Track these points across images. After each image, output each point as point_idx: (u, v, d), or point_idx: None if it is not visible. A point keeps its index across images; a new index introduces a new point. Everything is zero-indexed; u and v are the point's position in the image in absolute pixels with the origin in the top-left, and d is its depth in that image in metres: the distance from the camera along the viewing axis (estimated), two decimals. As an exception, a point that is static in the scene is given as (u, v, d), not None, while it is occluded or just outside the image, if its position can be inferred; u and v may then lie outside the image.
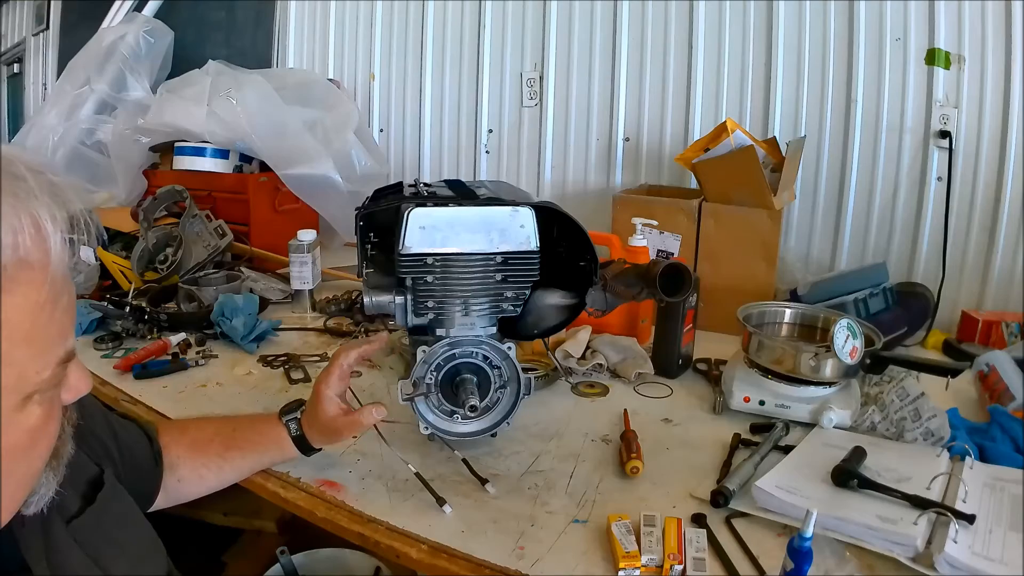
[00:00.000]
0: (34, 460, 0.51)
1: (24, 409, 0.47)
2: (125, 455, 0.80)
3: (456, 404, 0.97)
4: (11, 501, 0.51)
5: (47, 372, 0.48)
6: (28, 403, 0.47)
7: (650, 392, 1.27)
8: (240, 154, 2.05)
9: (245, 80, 2.01)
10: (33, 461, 0.51)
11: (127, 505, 0.72)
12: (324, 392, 0.92)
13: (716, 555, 0.80)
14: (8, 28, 3.73)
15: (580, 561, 0.80)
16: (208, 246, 1.78)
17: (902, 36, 1.64)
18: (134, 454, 0.83)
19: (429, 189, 1.09)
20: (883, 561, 0.78)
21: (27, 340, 0.46)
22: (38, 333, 0.46)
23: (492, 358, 0.97)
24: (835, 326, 1.09)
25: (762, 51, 1.81)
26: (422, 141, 2.39)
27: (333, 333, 1.53)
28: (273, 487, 0.95)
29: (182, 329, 1.47)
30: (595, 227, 1.21)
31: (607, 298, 1.06)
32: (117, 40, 2.53)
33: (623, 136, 2.03)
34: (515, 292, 0.98)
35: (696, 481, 0.96)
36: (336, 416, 0.92)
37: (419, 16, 2.31)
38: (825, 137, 1.77)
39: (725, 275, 1.54)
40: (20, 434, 0.48)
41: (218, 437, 0.95)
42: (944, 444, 1.00)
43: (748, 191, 1.54)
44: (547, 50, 2.09)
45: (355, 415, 0.91)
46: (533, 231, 0.95)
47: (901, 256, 1.73)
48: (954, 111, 1.61)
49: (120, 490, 0.72)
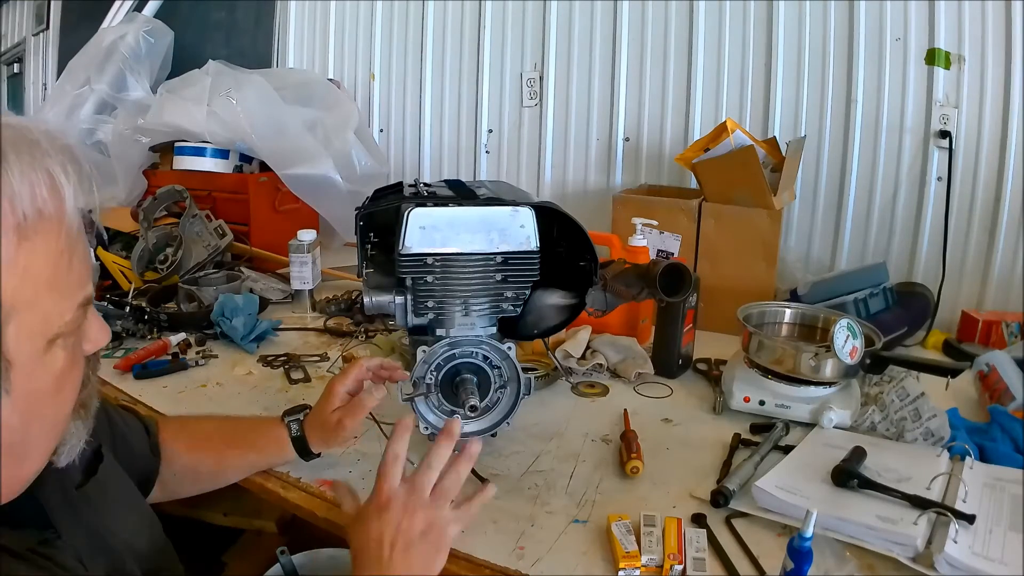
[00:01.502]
0: (61, 405, 0.54)
1: (49, 352, 0.50)
2: (119, 442, 0.81)
3: (456, 404, 0.97)
4: (43, 445, 0.54)
5: (68, 315, 0.51)
6: (53, 347, 0.50)
7: (650, 392, 1.27)
8: (240, 154, 2.05)
9: (245, 80, 2.01)
10: (61, 406, 0.54)
11: (125, 481, 0.74)
12: (336, 388, 0.94)
13: (716, 555, 0.80)
14: (8, 28, 3.72)
15: (580, 561, 0.80)
16: (208, 246, 1.78)
17: (902, 36, 1.64)
18: (128, 441, 0.83)
19: (429, 189, 1.09)
20: (883, 561, 0.78)
21: (49, 286, 0.49)
22: (59, 279, 0.50)
23: (492, 358, 0.97)
24: (835, 326, 1.09)
25: (762, 51, 1.81)
26: (422, 141, 2.39)
27: (333, 333, 1.53)
28: (273, 487, 0.95)
29: (182, 329, 1.47)
30: (595, 227, 1.21)
31: (607, 298, 1.06)
32: (117, 40, 2.53)
33: (623, 136, 2.03)
34: (515, 292, 0.98)
35: (696, 481, 0.96)
36: (340, 407, 0.93)
37: (419, 16, 2.31)
38: (825, 137, 1.77)
39: (725, 275, 1.54)
40: (47, 378, 0.51)
41: (218, 434, 0.95)
42: (944, 444, 1.00)
43: (748, 191, 1.54)
44: (547, 50, 2.09)
45: (356, 397, 0.93)
46: (533, 231, 0.95)
47: (901, 256, 1.72)
48: (954, 111, 1.61)
49: (118, 468, 0.73)
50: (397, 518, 0.70)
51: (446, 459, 0.75)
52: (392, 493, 0.72)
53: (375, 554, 0.69)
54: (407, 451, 0.75)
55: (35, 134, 0.49)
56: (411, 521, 0.71)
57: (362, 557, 0.70)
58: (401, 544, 0.69)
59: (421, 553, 0.70)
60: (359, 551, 0.70)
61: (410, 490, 0.73)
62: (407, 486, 0.73)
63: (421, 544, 0.70)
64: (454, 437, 0.77)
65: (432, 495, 0.73)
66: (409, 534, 0.70)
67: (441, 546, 0.72)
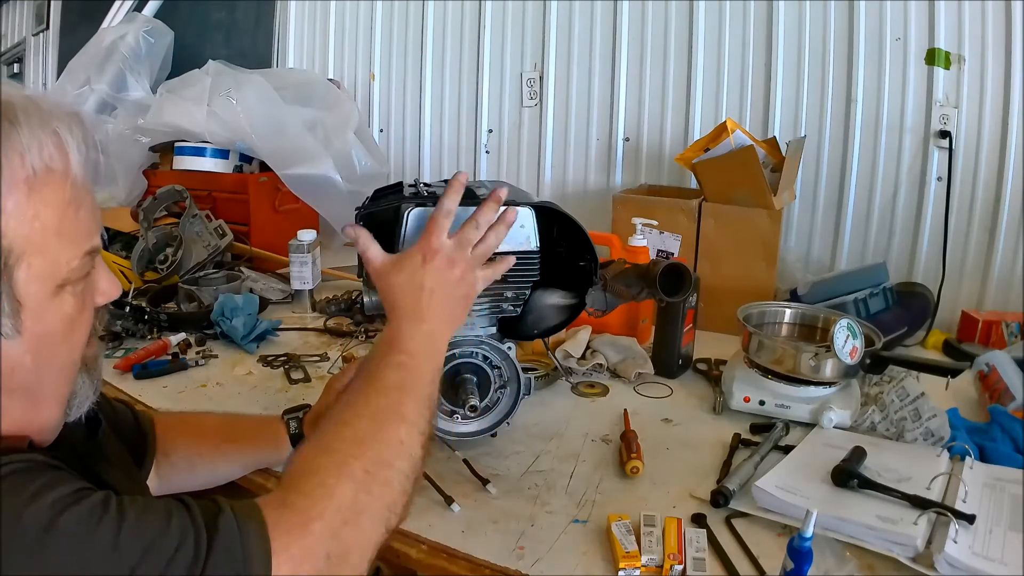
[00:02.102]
0: (71, 350, 0.58)
1: (58, 296, 0.54)
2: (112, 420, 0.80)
3: (456, 404, 0.97)
4: (56, 390, 0.58)
5: (75, 262, 0.54)
6: (62, 292, 0.54)
7: (650, 392, 1.27)
8: (240, 154, 2.04)
9: (245, 80, 2.01)
10: (71, 351, 0.58)
11: (122, 451, 0.76)
12: (335, 386, 0.94)
13: (716, 555, 0.80)
14: (8, 28, 3.72)
15: (580, 561, 0.80)
16: (208, 246, 1.78)
17: (902, 36, 1.64)
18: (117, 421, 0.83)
19: (429, 189, 1.09)
20: (883, 561, 0.78)
21: (57, 233, 0.53)
22: (66, 227, 0.53)
23: (492, 358, 0.97)
24: (835, 326, 1.09)
25: (762, 51, 1.81)
26: (422, 141, 2.39)
27: (333, 333, 1.53)
28: (273, 487, 0.95)
29: (182, 329, 1.47)
30: (595, 227, 1.21)
31: (607, 298, 1.06)
32: (117, 40, 2.53)
33: (623, 136, 2.03)
34: (515, 292, 0.98)
35: (696, 481, 0.96)
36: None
37: (419, 16, 2.30)
38: (825, 137, 1.77)
39: (725, 275, 1.54)
40: (56, 320, 0.54)
41: (216, 428, 0.96)
42: (944, 444, 1.00)
43: (748, 191, 1.54)
44: (547, 50, 2.09)
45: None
46: (533, 231, 0.95)
47: (901, 256, 1.72)
48: (954, 111, 1.61)
49: (115, 437, 0.75)
50: (440, 269, 0.77)
51: (492, 221, 0.82)
52: (440, 245, 0.78)
53: (414, 299, 0.75)
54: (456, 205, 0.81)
55: (46, 103, 0.54)
56: (450, 273, 0.77)
57: (401, 301, 0.76)
58: (440, 293, 0.76)
59: (454, 302, 0.78)
60: (399, 295, 0.76)
61: (457, 245, 0.79)
62: (455, 240, 0.79)
63: (455, 294, 0.78)
64: (500, 200, 0.83)
65: (472, 252, 0.80)
66: (447, 287, 0.77)
67: (468, 301, 0.80)
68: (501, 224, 0.83)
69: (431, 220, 0.79)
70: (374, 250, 0.80)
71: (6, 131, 0.50)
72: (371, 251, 0.80)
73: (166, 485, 0.90)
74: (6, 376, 0.52)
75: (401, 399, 0.67)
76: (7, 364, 0.52)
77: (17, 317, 0.51)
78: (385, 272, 0.78)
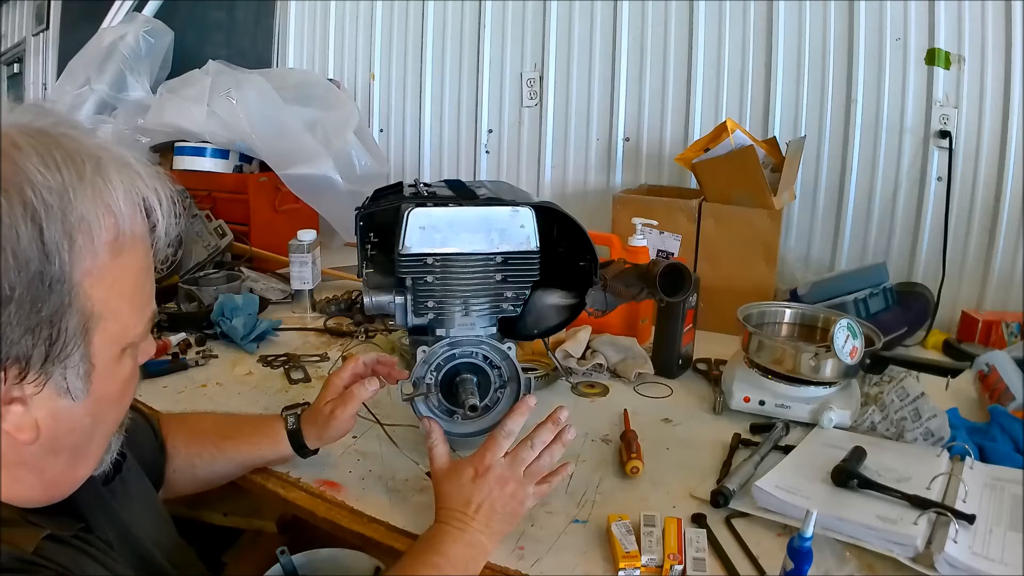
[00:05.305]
0: (120, 411, 0.59)
1: (121, 360, 0.55)
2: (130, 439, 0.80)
3: (456, 404, 0.96)
4: (99, 450, 0.59)
5: (140, 328, 0.56)
6: (124, 355, 0.55)
7: (650, 392, 1.27)
8: (240, 154, 2.04)
9: (245, 80, 2.01)
10: (120, 412, 0.59)
11: (144, 481, 0.76)
12: (334, 381, 0.95)
13: (716, 555, 0.80)
14: (8, 28, 3.72)
15: (580, 561, 0.80)
16: (208, 246, 1.78)
17: (902, 36, 1.64)
18: (137, 440, 0.82)
19: (429, 189, 1.09)
20: (883, 561, 0.78)
21: (131, 299, 0.54)
22: (138, 294, 0.55)
23: (492, 358, 0.97)
24: (835, 326, 1.09)
25: (762, 51, 1.81)
26: (422, 141, 2.39)
27: (333, 333, 1.53)
28: (273, 487, 0.95)
29: (182, 329, 1.47)
30: (595, 227, 1.21)
31: (607, 298, 1.06)
32: (117, 40, 2.53)
33: (623, 136, 2.03)
34: (515, 292, 0.98)
35: (696, 481, 0.96)
36: (333, 399, 0.94)
37: (419, 16, 2.30)
38: (825, 137, 1.77)
39: (725, 275, 1.54)
40: (116, 384, 0.55)
41: (215, 428, 0.96)
42: (944, 444, 1.00)
43: (748, 191, 1.54)
44: (547, 50, 2.09)
45: (349, 388, 0.94)
46: (533, 231, 0.95)
47: (901, 256, 1.72)
48: (954, 111, 1.61)
49: (138, 467, 0.75)
50: (490, 486, 0.80)
51: (547, 442, 0.84)
52: (494, 462, 0.81)
53: (460, 511, 0.79)
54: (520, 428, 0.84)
55: (131, 160, 0.54)
56: (501, 491, 0.80)
57: (446, 509, 0.80)
58: (486, 509, 0.79)
59: (499, 520, 0.80)
60: (445, 503, 0.80)
61: (510, 464, 0.81)
62: (508, 460, 0.82)
63: (503, 510, 0.80)
64: (559, 423, 0.85)
65: (525, 472, 0.82)
66: (495, 503, 0.79)
67: (516, 517, 0.82)
68: (557, 444, 0.84)
69: (490, 437, 0.83)
70: (440, 449, 0.85)
71: (101, 190, 0.50)
72: (437, 449, 0.85)
73: (169, 491, 0.90)
74: (63, 436, 0.53)
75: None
76: (68, 425, 0.52)
77: (88, 380, 0.52)
78: (440, 477, 0.83)
